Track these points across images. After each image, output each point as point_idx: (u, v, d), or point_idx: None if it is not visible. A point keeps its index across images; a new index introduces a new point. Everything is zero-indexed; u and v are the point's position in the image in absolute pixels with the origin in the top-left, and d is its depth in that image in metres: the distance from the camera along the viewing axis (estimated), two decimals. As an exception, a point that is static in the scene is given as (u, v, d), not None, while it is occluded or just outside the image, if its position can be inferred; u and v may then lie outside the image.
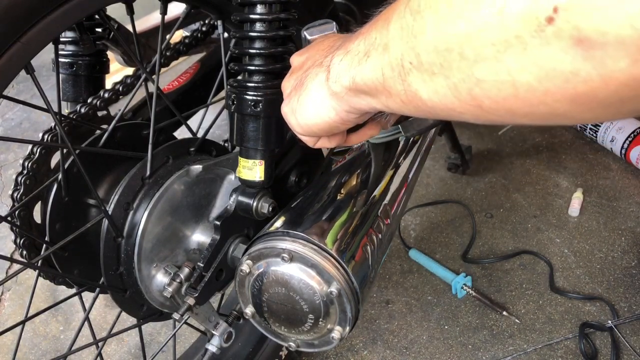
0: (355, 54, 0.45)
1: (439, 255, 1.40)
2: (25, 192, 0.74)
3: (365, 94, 0.46)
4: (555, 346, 1.15)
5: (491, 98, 0.34)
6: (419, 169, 0.93)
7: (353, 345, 1.20)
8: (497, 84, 0.33)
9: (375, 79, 0.43)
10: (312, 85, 0.52)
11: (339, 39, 0.56)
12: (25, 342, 1.25)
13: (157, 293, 0.75)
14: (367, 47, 0.44)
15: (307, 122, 0.54)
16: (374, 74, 0.43)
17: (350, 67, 0.46)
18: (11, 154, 1.95)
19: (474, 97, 0.35)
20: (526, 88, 0.32)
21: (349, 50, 0.47)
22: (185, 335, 1.22)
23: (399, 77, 0.40)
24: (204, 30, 1.07)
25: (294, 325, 0.68)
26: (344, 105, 0.50)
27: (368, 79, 0.44)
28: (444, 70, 0.36)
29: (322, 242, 0.65)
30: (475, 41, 0.33)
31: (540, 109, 0.33)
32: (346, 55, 0.47)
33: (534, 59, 0.30)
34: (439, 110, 0.40)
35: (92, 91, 0.90)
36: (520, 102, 0.33)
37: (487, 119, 0.37)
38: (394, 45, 0.40)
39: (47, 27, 0.55)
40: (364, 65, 0.44)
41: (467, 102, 0.36)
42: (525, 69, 0.31)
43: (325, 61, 0.52)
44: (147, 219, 0.71)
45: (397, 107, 0.44)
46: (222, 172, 0.78)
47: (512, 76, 0.32)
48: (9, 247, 1.51)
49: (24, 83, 2.28)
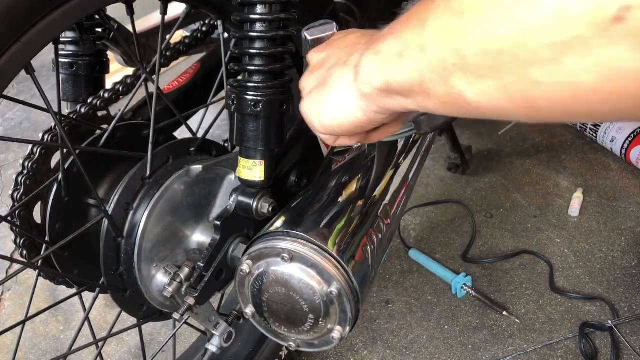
0: (387, 54, 0.44)
1: (439, 255, 1.40)
2: (25, 192, 0.74)
3: (399, 95, 0.45)
4: (555, 346, 1.16)
5: (549, 100, 0.33)
6: (419, 169, 0.93)
7: (353, 345, 1.20)
8: (555, 85, 0.32)
9: (412, 80, 0.42)
10: (338, 85, 0.51)
11: (363, 36, 0.55)
12: (25, 342, 1.25)
13: (157, 293, 0.75)
14: (401, 48, 0.42)
15: (331, 123, 0.53)
16: (410, 75, 0.42)
17: (383, 69, 0.45)
18: (11, 154, 1.95)
19: (528, 98, 0.34)
20: (589, 89, 0.31)
21: (379, 50, 0.45)
22: (185, 335, 1.22)
23: (439, 78, 0.39)
24: (204, 30, 1.07)
25: (294, 325, 0.68)
26: (373, 106, 0.49)
27: (403, 81, 0.43)
28: (494, 72, 0.35)
29: (322, 242, 0.65)
30: (530, 43, 0.31)
31: (603, 108, 0.32)
32: (377, 56, 0.46)
33: (598, 60, 0.30)
34: (485, 111, 0.39)
35: (92, 91, 0.90)
36: (581, 103, 0.32)
37: (542, 119, 0.36)
38: (433, 47, 0.39)
39: (47, 27, 0.55)
40: (398, 67, 0.43)
41: (521, 104, 0.35)
42: (588, 69, 0.30)
43: (351, 60, 0.50)
44: (147, 219, 0.71)
45: (434, 108, 0.43)
46: (222, 172, 0.78)
47: (573, 77, 0.31)
48: (9, 247, 1.51)
49: (24, 83, 2.28)
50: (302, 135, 0.87)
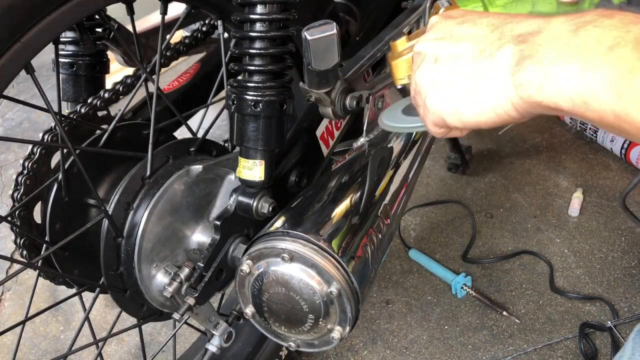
0: (562, 84, 0.40)
1: (439, 255, 1.40)
2: (25, 192, 0.74)
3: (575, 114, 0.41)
4: (555, 346, 1.16)
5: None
6: (419, 169, 0.93)
7: (353, 345, 1.20)
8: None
9: (599, 122, 0.39)
10: (489, 82, 0.47)
11: (502, 22, 0.49)
12: (25, 342, 1.25)
13: (157, 293, 0.75)
14: (582, 92, 0.39)
15: (477, 119, 0.49)
16: (598, 119, 0.39)
17: (555, 95, 0.41)
18: (11, 154, 1.95)
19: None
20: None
21: (550, 75, 0.41)
22: (185, 335, 1.22)
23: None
24: (204, 30, 1.07)
25: (294, 325, 0.68)
26: (526, 115, 0.46)
27: (589, 119, 0.39)
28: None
29: (322, 242, 0.65)
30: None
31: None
32: (547, 81, 0.42)
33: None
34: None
35: (92, 91, 0.91)
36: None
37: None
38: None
39: (47, 27, 0.55)
40: (580, 107, 0.39)
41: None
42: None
43: (501, 57, 0.46)
44: (147, 219, 0.71)
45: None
46: (222, 172, 0.78)
47: None
48: (9, 247, 1.51)
49: (24, 83, 2.28)
50: (302, 135, 0.87)
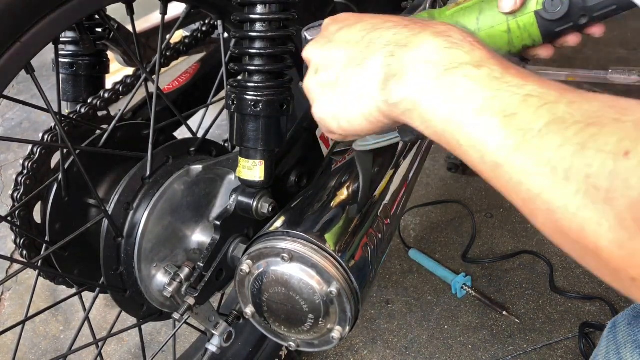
0: (429, 104, 0.41)
1: (439, 255, 1.40)
2: (25, 192, 0.74)
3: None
4: (555, 346, 1.15)
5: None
6: (419, 169, 0.93)
7: (353, 345, 1.20)
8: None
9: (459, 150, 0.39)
10: (357, 88, 0.47)
11: (372, 28, 0.49)
12: (25, 342, 1.25)
13: (157, 293, 0.75)
14: (449, 113, 0.39)
15: (353, 126, 0.50)
16: (459, 147, 0.39)
17: (419, 114, 0.41)
18: (11, 154, 1.95)
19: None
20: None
21: (417, 93, 0.42)
22: (185, 335, 1.22)
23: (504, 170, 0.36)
24: (204, 30, 1.07)
25: (294, 325, 0.68)
26: (397, 124, 0.47)
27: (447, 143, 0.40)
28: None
29: (322, 242, 0.65)
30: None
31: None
32: (413, 97, 0.42)
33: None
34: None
35: (92, 91, 0.90)
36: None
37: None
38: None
39: (47, 27, 0.55)
40: (447, 132, 0.39)
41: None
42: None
43: (370, 66, 0.46)
44: (147, 219, 0.71)
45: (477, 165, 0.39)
46: (222, 172, 0.78)
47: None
48: (9, 247, 1.51)
49: (24, 83, 2.28)
50: (302, 135, 0.87)
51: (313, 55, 0.54)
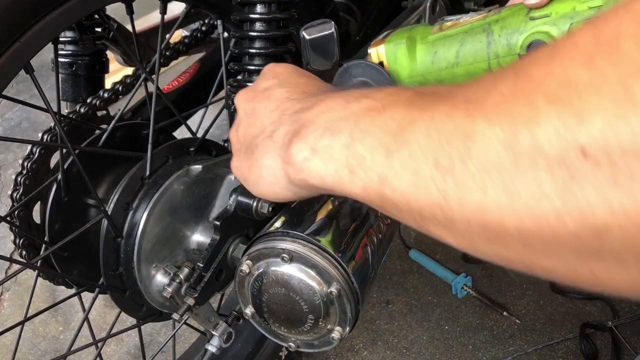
0: (328, 159, 0.39)
1: (439, 256, 1.40)
2: (24, 192, 0.74)
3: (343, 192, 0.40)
4: (556, 346, 1.15)
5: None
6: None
7: (353, 346, 1.19)
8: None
9: (368, 200, 0.37)
10: (265, 162, 0.47)
11: (287, 98, 0.49)
12: (25, 342, 1.25)
13: (157, 293, 0.75)
14: (350, 160, 0.37)
15: (262, 194, 0.50)
16: (365, 195, 0.37)
17: (324, 173, 0.39)
18: (11, 154, 1.95)
19: (536, 273, 0.30)
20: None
21: (317, 149, 0.40)
22: (185, 335, 1.22)
23: (409, 216, 0.34)
24: (203, 29, 1.07)
25: (293, 325, 0.68)
26: (307, 193, 0.46)
27: (354, 195, 0.38)
28: (493, 245, 0.30)
29: (322, 242, 0.65)
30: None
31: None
32: (313, 156, 0.40)
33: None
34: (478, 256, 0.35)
35: (92, 91, 0.91)
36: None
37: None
38: (401, 187, 0.33)
39: (47, 27, 0.55)
40: (348, 182, 0.38)
41: (524, 271, 0.31)
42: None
43: (278, 136, 0.46)
44: (146, 219, 0.71)
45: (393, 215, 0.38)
46: (222, 172, 0.78)
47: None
48: (9, 247, 1.51)
49: (23, 83, 2.28)
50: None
51: (239, 108, 0.54)
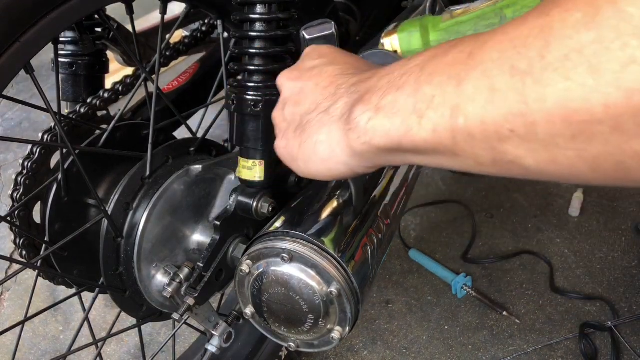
0: (394, 112, 0.37)
1: (439, 256, 1.40)
2: (24, 192, 0.74)
3: (410, 153, 0.39)
4: (556, 346, 1.15)
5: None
6: (419, 169, 0.93)
7: (353, 346, 1.19)
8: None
9: (437, 143, 0.35)
10: (320, 137, 0.45)
11: (342, 73, 0.48)
12: (25, 342, 1.25)
13: (157, 293, 0.75)
14: (417, 105, 0.36)
15: (311, 172, 0.49)
16: (435, 136, 0.35)
17: (390, 128, 0.38)
18: (11, 154, 1.95)
19: (622, 169, 0.29)
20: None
21: (381, 106, 0.39)
22: (185, 335, 1.22)
23: (484, 143, 0.33)
24: (203, 30, 1.07)
25: (293, 325, 0.68)
26: (366, 163, 0.43)
27: (422, 141, 0.36)
28: (578, 143, 0.29)
29: (322, 242, 0.65)
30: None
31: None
32: (377, 114, 0.39)
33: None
34: (549, 177, 0.33)
35: (92, 91, 0.90)
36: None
37: (632, 185, 0.30)
38: (476, 109, 0.32)
39: (47, 27, 0.55)
40: (416, 128, 0.36)
41: (610, 174, 0.29)
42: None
43: (336, 110, 0.44)
44: (146, 219, 0.71)
45: (461, 167, 0.36)
46: (222, 172, 0.78)
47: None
48: (9, 247, 1.51)
49: (23, 83, 2.28)
50: (302, 135, 0.87)
51: (284, 87, 0.53)
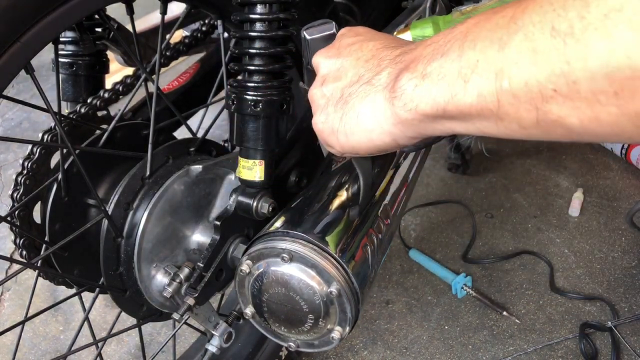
0: (440, 77, 0.39)
1: (439, 255, 1.40)
2: (25, 192, 0.74)
3: (454, 120, 0.40)
4: (556, 346, 1.15)
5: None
6: (419, 169, 0.93)
7: (353, 346, 1.19)
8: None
9: (482, 106, 0.36)
10: (364, 108, 0.46)
11: (384, 47, 0.49)
12: (25, 342, 1.25)
13: (157, 293, 0.75)
14: (462, 70, 0.37)
15: (351, 145, 0.49)
16: (480, 100, 0.36)
17: (435, 93, 0.39)
18: (11, 154, 1.95)
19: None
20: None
21: (428, 73, 0.40)
22: (185, 335, 1.22)
23: (528, 104, 0.34)
24: (204, 30, 1.07)
25: (293, 325, 0.68)
26: (410, 132, 0.44)
27: (467, 106, 0.37)
28: (621, 99, 0.29)
29: (322, 242, 0.65)
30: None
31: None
32: (423, 80, 0.40)
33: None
34: (592, 137, 0.33)
35: (92, 91, 0.90)
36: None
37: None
38: (520, 71, 0.33)
39: (47, 27, 0.55)
40: (462, 92, 0.37)
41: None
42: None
43: (380, 80, 0.45)
44: (147, 219, 0.71)
45: (505, 132, 0.37)
46: (222, 172, 0.78)
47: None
48: (9, 247, 1.51)
49: (23, 83, 2.28)
50: (302, 135, 0.87)
51: (322, 65, 0.53)
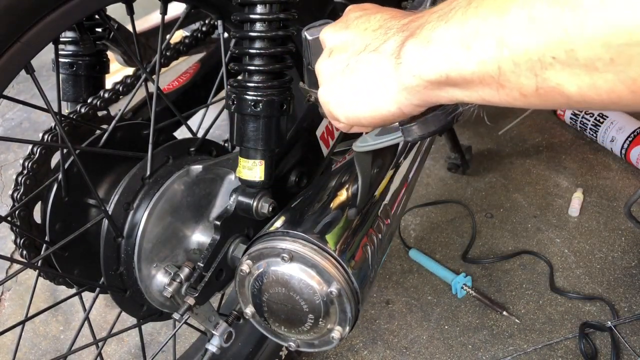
0: (445, 44, 0.39)
1: (439, 255, 1.40)
2: (25, 192, 0.74)
3: (456, 87, 0.40)
4: (555, 346, 1.15)
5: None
6: (419, 169, 0.93)
7: (353, 345, 1.19)
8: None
9: (483, 73, 0.37)
10: (370, 76, 0.46)
11: (391, 17, 0.49)
12: (25, 342, 1.25)
13: (157, 293, 0.75)
14: (465, 37, 0.37)
15: (357, 115, 0.48)
16: (482, 67, 0.37)
17: (439, 59, 0.39)
18: (11, 154, 1.95)
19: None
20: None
21: (431, 39, 0.40)
22: (185, 335, 1.22)
23: (527, 71, 0.34)
24: (204, 30, 1.07)
25: (294, 325, 0.68)
26: (415, 99, 0.44)
27: (469, 73, 0.38)
28: (617, 65, 0.30)
29: (322, 242, 0.65)
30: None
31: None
32: (429, 45, 0.40)
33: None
34: (589, 104, 0.34)
35: (92, 91, 0.91)
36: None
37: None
38: (519, 39, 0.34)
39: (47, 27, 0.55)
40: (464, 58, 0.37)
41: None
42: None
43: (386, 48, 0.45)
44: (147, 219, 0.71)
45: (506, 100, 0.38)
46: (222, 172, 0.78)
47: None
48: (9, 247, 1.51)
49: (24, 83, 2.28)
50: (302, 135, 0.87)
51: (329, 38, 0.54)
